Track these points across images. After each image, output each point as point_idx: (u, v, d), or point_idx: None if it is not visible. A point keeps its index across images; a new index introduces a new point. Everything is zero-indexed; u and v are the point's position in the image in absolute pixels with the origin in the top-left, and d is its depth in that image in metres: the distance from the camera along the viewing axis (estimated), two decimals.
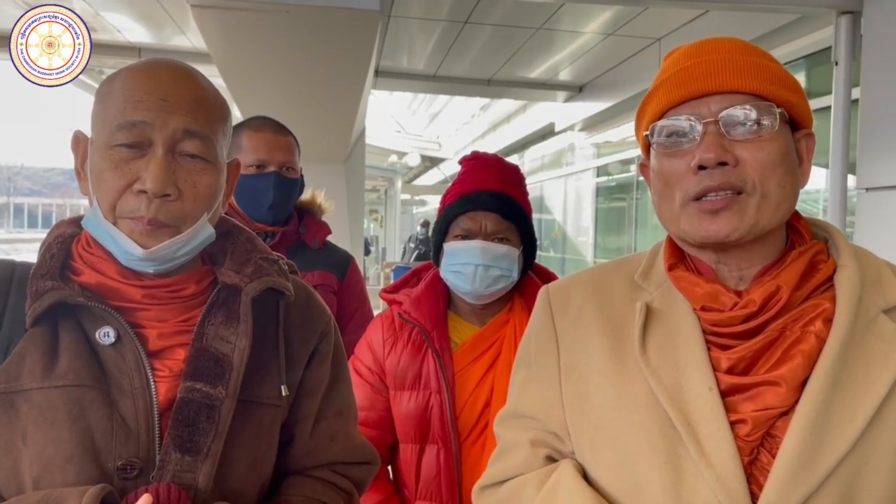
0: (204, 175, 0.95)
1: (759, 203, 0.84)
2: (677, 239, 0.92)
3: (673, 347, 0.88)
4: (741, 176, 0.84)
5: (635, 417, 0.87)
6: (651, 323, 0.91)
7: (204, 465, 0.92)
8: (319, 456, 1.10)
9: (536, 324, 1.03)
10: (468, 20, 5.54)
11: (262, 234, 1.87)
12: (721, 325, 0.86)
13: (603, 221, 9.68)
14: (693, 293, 0.89)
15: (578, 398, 0.94)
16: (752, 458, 0.82)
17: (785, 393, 0.81)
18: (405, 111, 16.83)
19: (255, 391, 1.00)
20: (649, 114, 0.92)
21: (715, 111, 0.85)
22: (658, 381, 0.86)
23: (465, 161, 1.62)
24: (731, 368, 0.85)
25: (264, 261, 1.05)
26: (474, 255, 1.49)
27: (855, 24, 2.82)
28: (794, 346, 0.83)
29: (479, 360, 1.54)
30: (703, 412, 0.83)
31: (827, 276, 0.87)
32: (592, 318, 0.96)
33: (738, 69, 0.86)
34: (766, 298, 0.84)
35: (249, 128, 1.87)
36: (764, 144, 0.84)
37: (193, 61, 5.50)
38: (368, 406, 1.55)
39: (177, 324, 0.98)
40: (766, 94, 0.85)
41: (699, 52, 0.89)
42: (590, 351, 0.94)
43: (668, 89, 0.89)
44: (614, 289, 0.98)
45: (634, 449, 0.86)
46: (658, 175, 0.91)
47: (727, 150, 0.84)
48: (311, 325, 1.10)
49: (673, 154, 0.88)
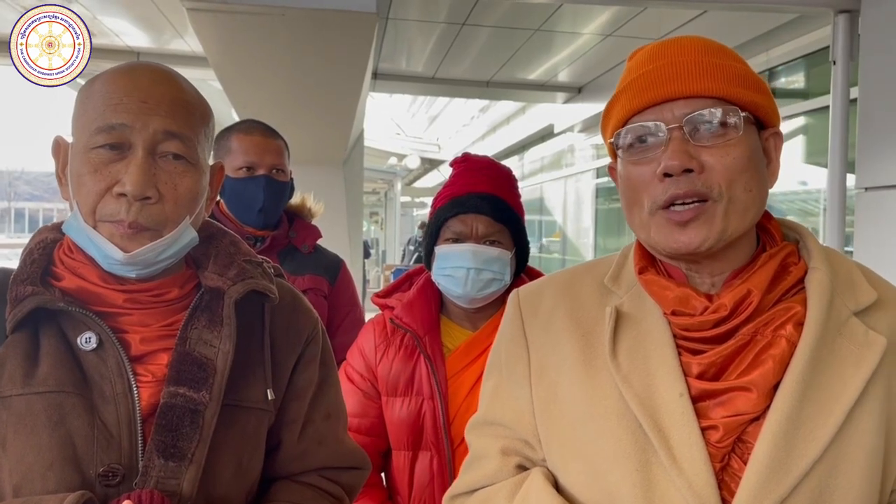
0: (185, 177, 0.94)
1: (725, 209, 0.82)
2: (647, 246, 0.91)
3: (643, 352, 0.86)
4: (707, 182, 0.82)
5: (606, 424, 0.85)
6: (621, 327, 0.89)
7: (188, 471, 0.91)
8: (308, 461, 1.08)
9: (507, 329, 1.00)
10: (466, 22, 5.53)
11: (253, 238, 1.87)
12: (692, 329, 0.85)
13: (603, 223, 9.67)
14: (663, 297, 0.87)
15: (549, 404, 0.92)
16: (723, 465, 0.81)
17: (756, 398, 0.80)
18: (405, 113, 16.84)
19: (240, 395, 0.99)
20: (614, 119, 0.90)
21: (679, 116, 0.83)
22: (629, 387, 0.85)
23: (455, 163, 1.60)
24: (702, 374, 0.83)
25: (248, 263, 1.04)
26: (466, 259, 1.47)
27: (853, 23, 2.81)
28: (765, 351, 0.82)
29: (472, 366, 1.51)
30: (673, 418, 0.82)
31: (798, 279, 0.86)
32: (562, 323, 0.94)
33: (701, 72, 0.84)
34: (737, 303, 0.83)
35: (239, 131, 1.86)
36: (729, 149, 0.83)
37: (192, 65, 5.49)
38: (361, 412, 1.53)
39: (160, 328, 0.97)
40: (730, 96, 0.84)
41: (661, 55, 0.87)
42: (560, 356, 0.92)
43: (631, 95, 0.87)
44: (584, 292, 0.96)
45: (605, 456, 0.85)
46: (625, 182, 0.89)
47: (692, 157, 0.82)
48: (297, 328, 1.09)
49: (638, 161, 0.86)
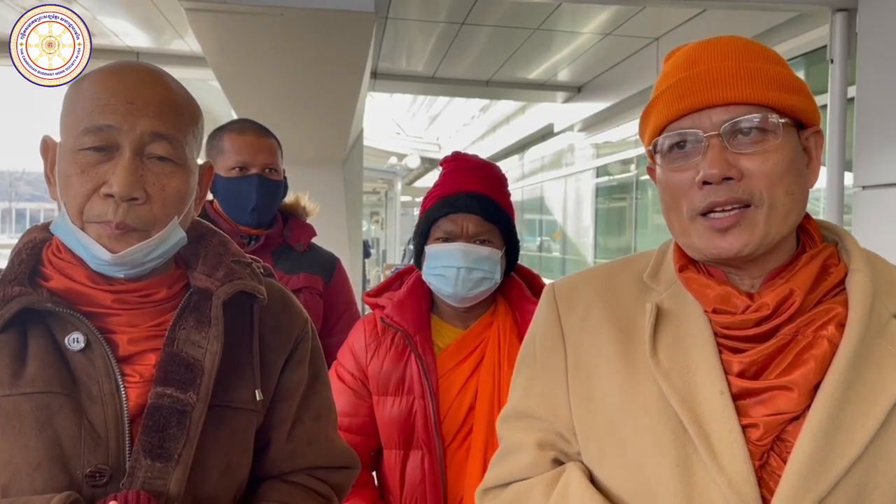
0: (173, 178, 0.94)
1: (767, 214, 0.82)
2: (687, 250, 0.90)
3: (684, 349, 0.87)
4: (748, 189, 0.82)
5: (645, 420, 0.86)
6: (661, 324, 0.89)
7: (175, 472, 0.91)
8: (297, 460, 1.08)
9: (542, 322, 1.00)
10: (466, 21, 5.53)
11: (247, 237, 1.87)
12: (732, 327, 0.85)
13: (603, 222, 9.66)
14: (704, 295, 0.88)
15: (586, 399, 0.92)
16: (762, 463, 0.81)
17: (797, 398, 0.80)
18: (405, 113, 16.85)
19: (228, 396, 0.99)
20: (651, 125, 0.90)
21: (717, 123, 0.83)
22: (669, 384, 0.85)
23: (445, 163, 1.60)
24: (743, 372, 0.83)
25: (237, 264, 1.04)
26: (456, 258, 1.48)
27: (850, 22, 2.80)
28: (806, 351, 0.82)
29: (463, 364, 1.52)
30: (714, 415, 0.82)
31: (838, 280, 0.86)
32: (600, 318, 0.94)
33: (739, 78, 0.83)
34: (780, 302, 0.83)
35: (231, 130, 1.87)
36: (769, 155, 0.82)
37: (191, 65, 5.48)
38: (352, 412, 1.53)
39: (148, 329, 0.97)
40: (768, 102, 0.83)
41: (699, 59, 0.86)
42: (598, 350, 0.93)
43: (669, 101, 0.86)
44: (622, 288, 0.96)
45: (644, 451, 0.85)
46: (664, 187, 0.89)
47: (731, 165, 0.82)
48: (286, 328, 1.09)
49: (677, 168, 0.86)
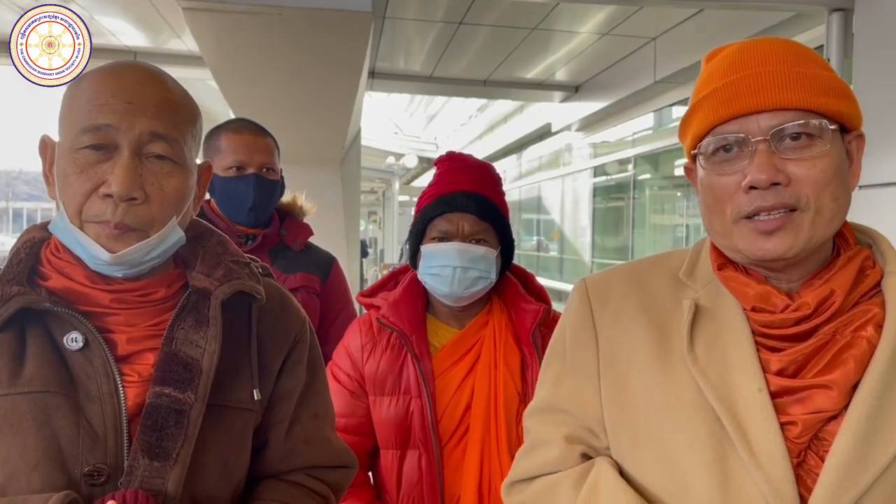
0: (171, 178, 0.94)
1: (813, 218, 0.83)
2: (727, 252, 0.90)
3: (721, 347, 0.87)
4: (795, 194, 0.82)
5: (681, 415, 0.86)
6: (698, 321, 0.90)
7: (173, 471, 0.91)
8: (295, 460, 1.08)
9: (573, 316, 1.00)
10: (463, 21, 5.54)
11: (244, 236, 1.87)
12: (771, 326, 0.86)
13: (600, 221, 9.67)
14: (743, 293, 0.88)
15: (618, 393, 0.93)
16: (799, 461, 0.82)
17: (836, 397, 0.81)
18: (402, 113, 16.84)
19: (226, 395, 0.99)
20: (695, 127, 0.90)
21: (765, 128, 0.83)
22: (706, 380, 0.85)
23: (440, 162, 1.61)
24: (782, 370, 0.84)
25: (235, 264, 1.04)
26: (452, 257, 1.48)
27: (846, 22, 2.81)
28: (845, 351, 0.82)
29: (459, 364, 1.52)
30: (752, 413, 0.83)
31: (875, 282, 0.87)
32: (635, 313, 0.95)
33: (787, 83, 0.83)
34: (820, 302, 0.84)
35: (228, 130, 1.87)
36: (816, 161, 0.82)
37: (189, 65, 5.48)
38: (348, 412, 1.52)
39: (146, 328, 0.97)
40: (816, 107, 0.83)
41: (745, 63, 0.86)
42: (631, 346, 0.93)
43: (715, 105, 0.86)
44: (656, 285, 0.97)
45: (680, 447, 0.86)
46: (707, 190, 0.89)
47: (779, 170, 0.82)
48: (285, 328, 1.09)
49: (723, 171, 0.86)
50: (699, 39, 5.31)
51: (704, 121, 0.87)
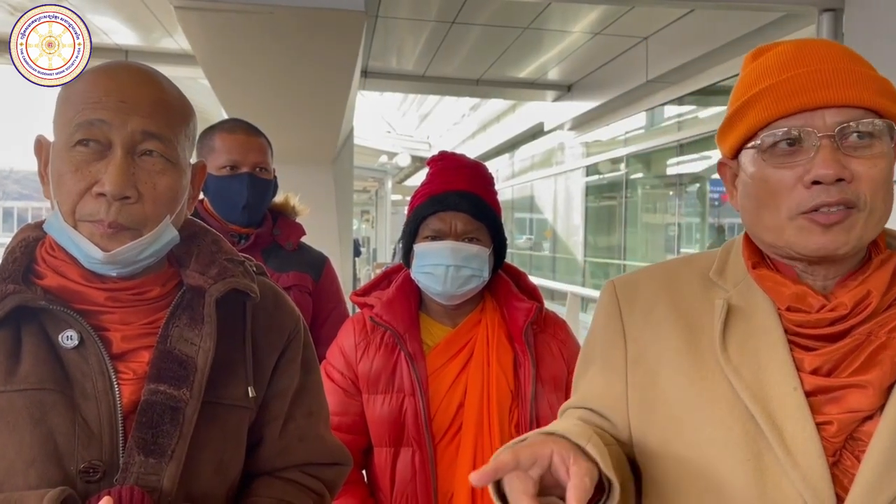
0: (164, 176, 0.95)
1: (867, 218, 0.83)
2: (769, 247, 0.91)
3: (754, 346, 0.88)
4: (856, 192, 0.83)
5: (715, 413, 0.87)
6: (731, 320, 0.90)
7: (168, 468, 0.92)
8: (289, 457, 1.09)
9: (602, 316, 1.02)
10: (456, 20, 5.54)
11: (237, 235, 1.88)
12: (806, 326, 0.86)
13: (593, 220, 9.69)
14: (779, 293, 0.89)
15: (647, 391, 0.94)
16: (835, 460, 0.82)
17: (872, 396, 0.81)
18: (395, 112, 16.84)
19: (221, 393, 1.00)
20: (751, 119, 0.89)
21: (830, 124, 0.83)
22: (740, 379, 0.86)
23: (432, 162, 1.62)
24: (817, 369, 0.84)
25: (229, 262, 1.05)
26: (445, 256, 1.49)
27: (837, 22, 2.83)
28: (880, 352, 0.83)
29: (453, 362, 1.53)
30: (788, 411, 0.83)
31: None
32: (664, 313, 0.95)
33: (852, 81, 0.84)
34: (857, 302, 0.84)
35: (222, 130, 1.88)
36: (877, 161, 0.83)
37: (181, 63, 5.46)
38: (342, 411, 1.53)
39: (141, 326, 0.97)
40: (879, 107, 0.84)
41: (805, 60, 0.86)
42: (661, 345, 0.94)
43: (778, 98, 0.86)
44: (686, 285, 0.97)
45: (713, 445, 0.86)
46: (761, 184, 0.88)
47: (844, 167, 0.82)
48: (279, 326, 1.10)
49: (781, 165, 0.86)
50: (691, 39, 5.34)
51: (764, 113, 0.87)
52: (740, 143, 0.91)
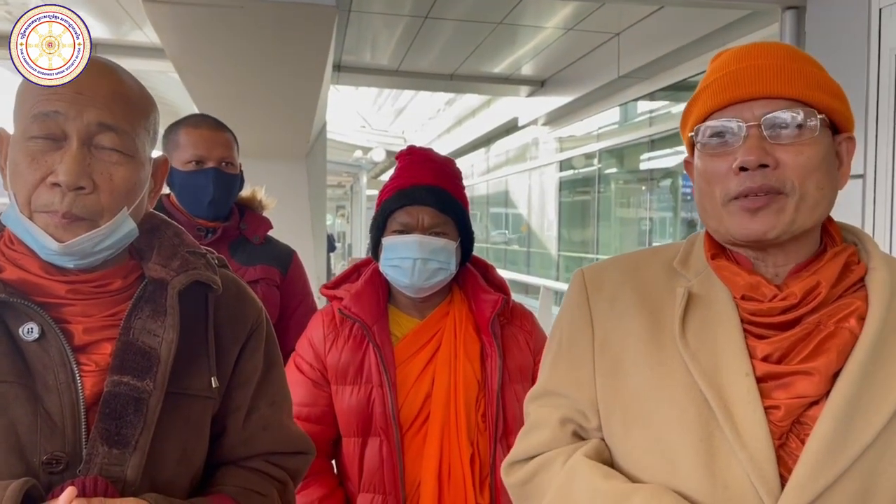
0: (120, 168, 0.95)
1: (797, 203, 0.87)
2: (716, 235, 0.95)
3: (712, 332, 0.92)
4: (781, 178, 0.87)
5: (672, 396, 0.91)
6: (691, 308, 0.94)
7: (132, 458, 0.92)
8: (253, 446, 1.10)
9: (570, 303, 1.05)
10: (429, 15, 5.55)
11: (203, 230, 1.88)
12: (760, 314, 0.90)
13: (567, 215, 9.75)
14: (734, 282, 0.93)
15: (612, 376, 0.97)
16: (781, 443, 0.86)
17: (818, 383, 0.86)
18: (370, 107, 16.78)
19: (184, 383, 1.00)
20: (695, 114, 0.95)
21: (758, 115, 0.88)
22: (696, 364, 0.90)
23: (400, 156, 1.64)
24: (768, 356, 0.89)
25: (191, 255, 1.05)
26: (412, 249, 1.51)
27: (799, 19, 2.88)
28: (828, 340, 0.87)
29: (420, 353, 1.56)
30: (739, 395, 0.87)
31: (859, 278, 0.92)
32: (629, 300, 0.99)
33: (782, 75, 0.89)
34: (807, 292, 0.89)
35: (187, 125, 1.88)
36: (804, 148, 0.87)
37: (151, 57, 5.38)
38: (310, 402, 1.55)
39: (103, 318, 0.98)
40: (808, 99, 0.89)
41: (746, 57, 0.92)
42: (626, 330, 0.98)
43: (714, 92, 0.92)
44: (651, 274, 1.02)
45: (669, 426, 0.90)
46: (701, 174, 0.94)
47: (768, 153, 0.87)
48: (241, 317, 1.11)
49: (716, 154, 0.91)
50: (661, 35, 5.40)
51: (704, 107, 0.93)
52: (690, 138, 0.96)
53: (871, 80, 2.45)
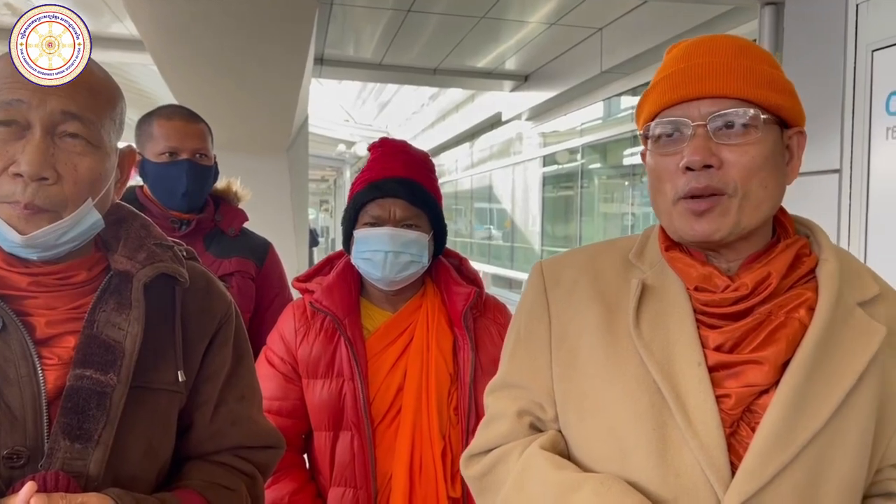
0: (85, 158, 0.93)
1: (740, 203, 0.88)
2: (668, 231, 0.96)
3: (665, 323, 0.93)
4: (724, 179, 0.88)
5: (625, 386, 0.92)
6: (645, 299, 0.96)
7: (95, 453, 0.91)
8: (221, 440, 1.09)
9: (529, 295, 1.06)
10: (412, 8, 5.53)
11: (177, 221, 1.87)
12: (712, 305, 0.91)
13: (550, 210, 9.76)
14: (688, 274, 0.94)
15: (568, 366, 0.98)
16: (732, 431, 0.88)
17: (768, 372, 0.87)
18: (354, 101, 16.72)
19: (150, 377, 0.99)
20: (646, 111, 0.96)
21: (704, 114, 0.89)
22: (650, 354, 0.91)
23: (373, 148, 1.63)
24: (719, 346, 0.90)
25: (158, 247, 1.04)
26: (384, 242, 1.50)
27: (778, 15, 2.90)
28: (778, 330, 0.88)
29: (392, 346, 1.55)
30: (691, 385, 0.88)
31: (810, 269, 0.93)
32: (586, 291, 1.00)
33: (730, 73, 0.89)
34: (757, 283, 0.90)
35: (160, 116, 1.86)
36: (748, 148, 0.88)
37: (132, 49, 5.33)
38: (281, 396, 1.54)
39: (66, 311, 0.96)
40: (755, 98, 0.89)
41: (696, 54, 0.92)
42: (582, 322, 0.98)
43: (663, 90, 0.93)
44: (607, 266, 1.03)
45: (623, 416, 0.91)
46: (652, 170, 0.95)
47: (713, 153, 0.88)
48: (210, 310, 1.10)
49: (666, 153, 0.92)
50: (644, 31, 5.41)
51: (653, 105, 0.94)
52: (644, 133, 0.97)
53: (848, 75, 2.47)
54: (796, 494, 0.85)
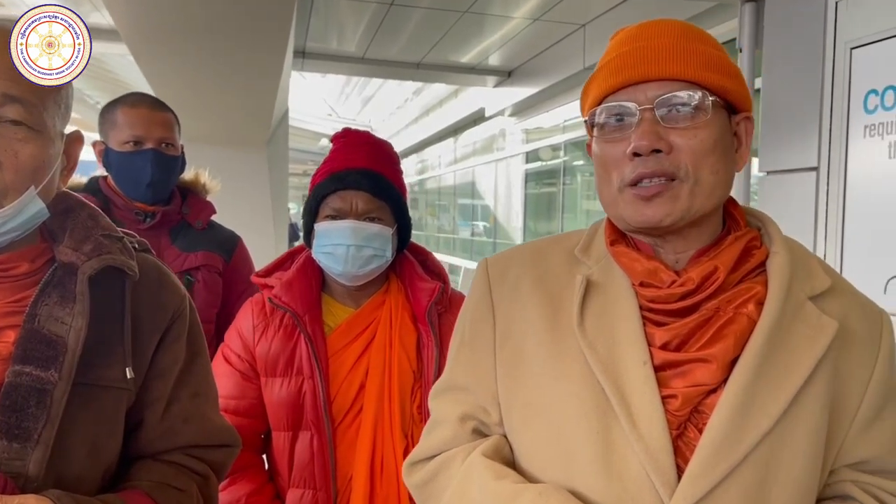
0: (27, 144, 0.89)
1: (691, 189, 0.85)
2: (615, 221, 0.93)
3: (609, 321, 0.89)
4: (674, 163, 0.85)
5: (569, 388, 0.88)
6: (589, 296, 0.92)
7: (34, 453, 0.88)
8: (172, 439, 1.06)
9: (473, 294, 1.02)
10: (395, 2, 5.48)
11: (142, 213, 1.82)
12: (658, 301, 0.88)
13: (532, 207, 9.77)
14: (633, 269, 0.90)
15: (513, 367, 0.94)
16: (679, 432, 0.84)
17: (715, 370, 0.84)
18: (338, 95, 16.65)
19: (96, 374, 0.96)
20: (591, 97, 0.92)
21: (651, 98, 0.86)
22: (594, 353, 0.87)
23: (335, 138, 1.58)
24: (666, 344, 0.86)
25: (106, 238, 1.00)
26: (345, 236, 1.46)
27: (759, 12, 2.89)
28: (726, 327, 0.85)
29: (354, 343, 1.51)
30: (636, 385, 0.84)
31: (760, 262, 0.90)
32: (530, 289, 0.96)
33: (675, 56, 0.86)
34: (704, 278, 0.86)
35: (125, 104, 1.81)
36: (697, 132, 0.85)
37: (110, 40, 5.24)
38: (239, 394, 1.50)
39: (7, 304, 0.93)
40: (701, 80, 0.86)
41: (640, 37, 0.89)
42: (526, 321, 0.94)
43: (607, 75, 0.89)
44: (553, 261, 0.98)
45: (567, 418, 0.87)
46: (597, 159, 0.91)
47: (661, 138, 0.84)
48: (162, 304, 1.06)
49: (610, 140, 0.89)
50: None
51: (598, 90, 0.90)
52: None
53: (827, 73, 2.46)
54: (745, 497, 0.81)
